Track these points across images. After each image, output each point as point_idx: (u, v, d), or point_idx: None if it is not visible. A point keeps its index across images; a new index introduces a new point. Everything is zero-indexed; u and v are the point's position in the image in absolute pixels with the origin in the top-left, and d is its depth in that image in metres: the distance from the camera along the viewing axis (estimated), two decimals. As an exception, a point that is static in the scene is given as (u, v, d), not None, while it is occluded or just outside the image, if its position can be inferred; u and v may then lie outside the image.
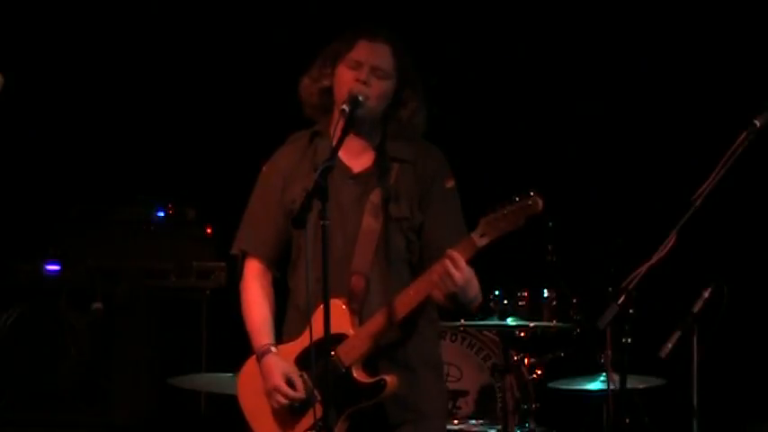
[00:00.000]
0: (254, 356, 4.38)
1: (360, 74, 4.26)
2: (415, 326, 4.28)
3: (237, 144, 7.55)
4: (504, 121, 7.71)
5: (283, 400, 4.25)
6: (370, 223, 4.27)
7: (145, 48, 7.84)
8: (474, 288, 4.16)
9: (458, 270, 4.07)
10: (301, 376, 4.26)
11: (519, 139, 7.69)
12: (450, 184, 4.38)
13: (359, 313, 4.24)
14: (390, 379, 4.20)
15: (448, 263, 4.07)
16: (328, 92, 4.37)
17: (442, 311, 4.44)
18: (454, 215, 4.35)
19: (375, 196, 4.29)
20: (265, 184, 4.47)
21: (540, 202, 4.02)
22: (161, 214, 7.39)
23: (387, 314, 4.18)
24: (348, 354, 4.20)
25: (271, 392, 4.27)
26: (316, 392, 4.20)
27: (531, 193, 4.02)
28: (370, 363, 4.23)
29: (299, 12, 7.71)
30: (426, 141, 4.43)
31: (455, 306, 4.20)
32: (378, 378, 4.20)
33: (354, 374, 4.20)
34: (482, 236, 4.07)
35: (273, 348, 4.33)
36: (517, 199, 4.04)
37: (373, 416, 4.22)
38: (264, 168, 4.50)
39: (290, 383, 4.25)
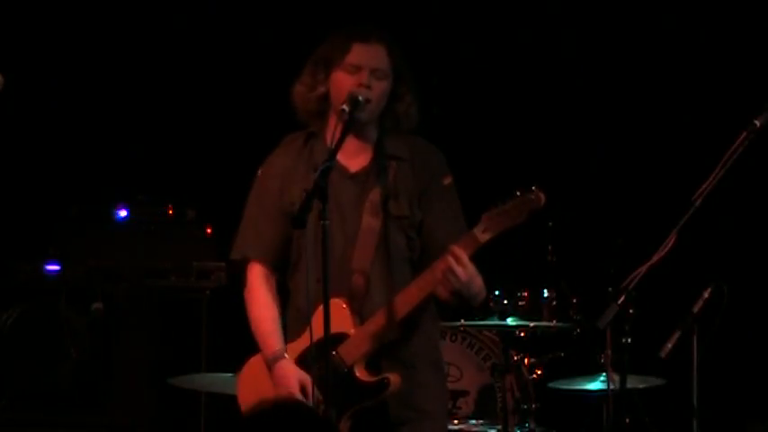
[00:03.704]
0: (254, 358, 4.37)
1: (360, 78, 4.25)
2: (417, 323, 4.27)
3: (237, 145, 7.54)
4: (504, 120, 7.70)
5: None
6: (370, 222, 4.27)
7: (145, 48, 7.84)
8: (477, 283, 4.16)
9: (461, 266, 4.07)
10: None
11: (519, 138, 7.68)
12: (448, 181, 4.38)
13: (359, 312, 4.24)
14: (393, 378, 4.20)
15: (451, 259, 4.06)
16: (324, 98, 4.36)
17: (442, 310, 4.44)
18: (454, 212, 4.35)
19: (374, 195, 4.29)
20: (262, 187, 4.45)
21: (543, 197, 4.03)
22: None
23: (388, 313, 4.17)
24: (350, 353, 4.20)
25: None
26: (317, 392, 4.18)
27: (533, 188, 4.03)
28: (373, 361, 4.23)
29: (299, 12, 7.70)
30: (423, 139, 4.43)
31: (459, 302, 4.20)
32: (380, 377, 4.20)
33: (357, 374, 4.20)
34: (484, 231, 4.08)
35: (287, 355, 4.29)
36: (519, 193, 4.04)
37: (376, 415, 4.21)
38: (260, 172, 4.47)
39: (304, 393, 4.20)
